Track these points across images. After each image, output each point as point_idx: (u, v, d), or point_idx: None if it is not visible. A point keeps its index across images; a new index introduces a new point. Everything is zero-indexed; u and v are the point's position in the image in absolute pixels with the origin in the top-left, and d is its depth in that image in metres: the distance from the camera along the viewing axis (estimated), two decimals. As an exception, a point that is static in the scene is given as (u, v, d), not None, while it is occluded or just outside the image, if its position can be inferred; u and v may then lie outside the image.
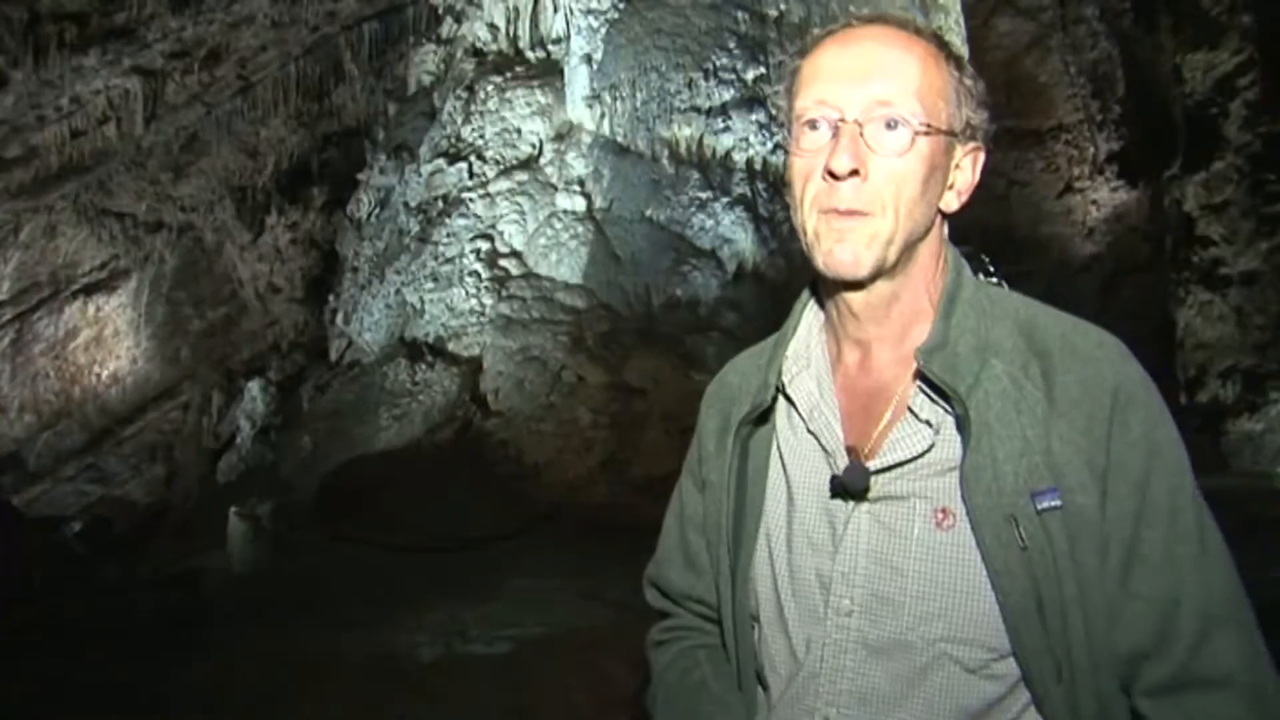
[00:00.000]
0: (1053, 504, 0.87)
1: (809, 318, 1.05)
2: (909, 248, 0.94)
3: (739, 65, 10.06)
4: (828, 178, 0.91)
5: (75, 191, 13.36)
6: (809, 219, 0.94)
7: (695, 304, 9.39)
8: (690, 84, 9.92)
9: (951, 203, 0.97)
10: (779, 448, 1.03)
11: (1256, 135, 11.46)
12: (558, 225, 9.96)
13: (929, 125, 0.91)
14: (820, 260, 0.93)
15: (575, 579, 6.02)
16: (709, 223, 9.64)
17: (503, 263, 9.99)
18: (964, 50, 12.30)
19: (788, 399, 1.02)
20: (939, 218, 0.97)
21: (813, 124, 0.93)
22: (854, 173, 0.90)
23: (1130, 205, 15.35)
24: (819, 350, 1.03)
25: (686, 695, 1.09)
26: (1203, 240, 11.75)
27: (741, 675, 1.05)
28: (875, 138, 0.90)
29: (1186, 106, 12.15)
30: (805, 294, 1.07)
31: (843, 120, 0.91)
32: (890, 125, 0.90)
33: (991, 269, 1.01)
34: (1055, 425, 0.89)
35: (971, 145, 0.97)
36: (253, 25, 12.00)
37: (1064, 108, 15.82)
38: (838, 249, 0.92)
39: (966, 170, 0.97)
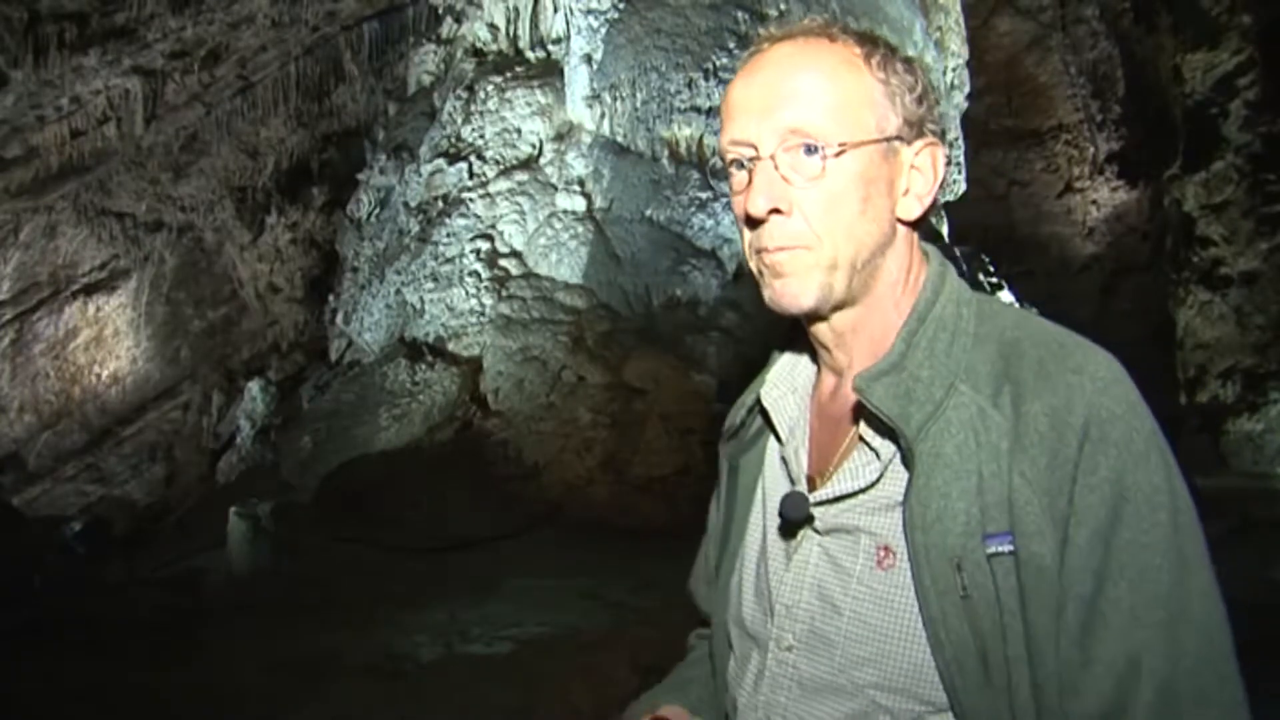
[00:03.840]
0: (1003, 549, 0.78)
1: (798, 339, 1.01)
2: (864, 269, 0.87)
3: (739, 65, 10.05)
4: (751, 221, 0.87)
5: (75, 191, 13.36)
6: (750, 261, 0.91)
7: (695, 304, 9.39)
8: (690, 84, 9.92)
9: (912, 209, 0.89)
10: (765, 470, 1.00)
11: (1256, 135, 11.45)
12: (558, 225, 9.96)
13: (844, 142, 0.84)
14: (766, 298, 0.89)
15: (575, 579, 6.02)
16: (709, 223, 9.64)
17: (503, 263, 9.99)
18: (962, 46, 12.29)
19: (769, 421, 0.99)
20: (902, 229, 0.90)
21: (737, 163, 0.89)
22: (776, 211, 0.85)
23: (1130, 205, 15.37)
24: (807, 373, 1.00)
25: (678, 671, 1.16)
26: (1203, 240, 11.74)
27: (719, 695, 1.04)
28: (794, 168, 0.85)
29: (1186, 106, 12.15)
30: None
31: (756, 158, 0.86)
32: (809, 150, 0.85)
33: (991, 269, 0.98)
34: (1018, 462, 0.79)
35: (922, 143, 0.89)
36: (253, 25, 12.00)
37: (1064, 108, 15.83)
38: (777, 285, 0.88)
39: (925, 170, 0.90)
